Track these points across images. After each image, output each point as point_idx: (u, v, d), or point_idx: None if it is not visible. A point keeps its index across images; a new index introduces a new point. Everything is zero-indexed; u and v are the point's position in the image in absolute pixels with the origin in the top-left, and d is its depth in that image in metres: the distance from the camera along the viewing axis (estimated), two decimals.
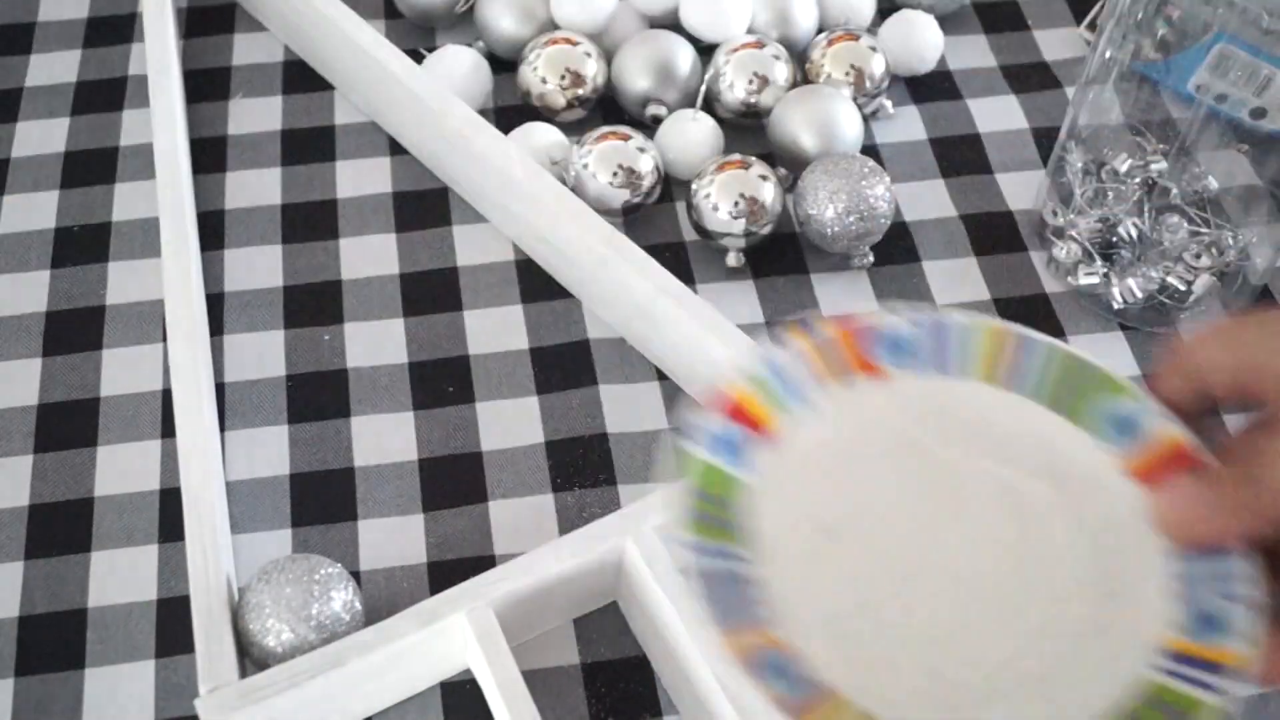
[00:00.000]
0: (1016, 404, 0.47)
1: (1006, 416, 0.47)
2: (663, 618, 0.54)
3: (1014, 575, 0.44)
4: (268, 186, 0.73)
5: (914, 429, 0.46)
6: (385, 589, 0.58)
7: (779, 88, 0.73)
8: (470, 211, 0.71)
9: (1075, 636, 0.42)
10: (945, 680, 0.42)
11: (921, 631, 0.43)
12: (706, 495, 0.44)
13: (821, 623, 0.42)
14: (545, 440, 0.63)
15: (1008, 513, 0.45)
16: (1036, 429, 0.46)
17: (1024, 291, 0.68)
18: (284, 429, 0.63)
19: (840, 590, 0.43)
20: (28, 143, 0.74)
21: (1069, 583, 0.43)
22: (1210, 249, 0.66)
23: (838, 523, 0.45)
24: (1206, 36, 0.65)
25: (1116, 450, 0.45)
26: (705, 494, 0.44)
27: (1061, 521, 0.44)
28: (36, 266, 0.69)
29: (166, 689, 0.55)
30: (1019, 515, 0.45)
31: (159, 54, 0.73)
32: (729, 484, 0.44)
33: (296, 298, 0.68)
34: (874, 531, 0.45)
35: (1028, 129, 0.75)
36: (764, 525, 0.44)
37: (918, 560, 0.44)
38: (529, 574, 0.54)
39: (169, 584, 0.58)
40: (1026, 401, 0.47)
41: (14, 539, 0.59)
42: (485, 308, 0.67)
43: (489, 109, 0.76)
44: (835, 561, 0.44)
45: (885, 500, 0.45)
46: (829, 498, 0.45)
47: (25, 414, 0.63)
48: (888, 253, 0.69)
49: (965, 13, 0.81)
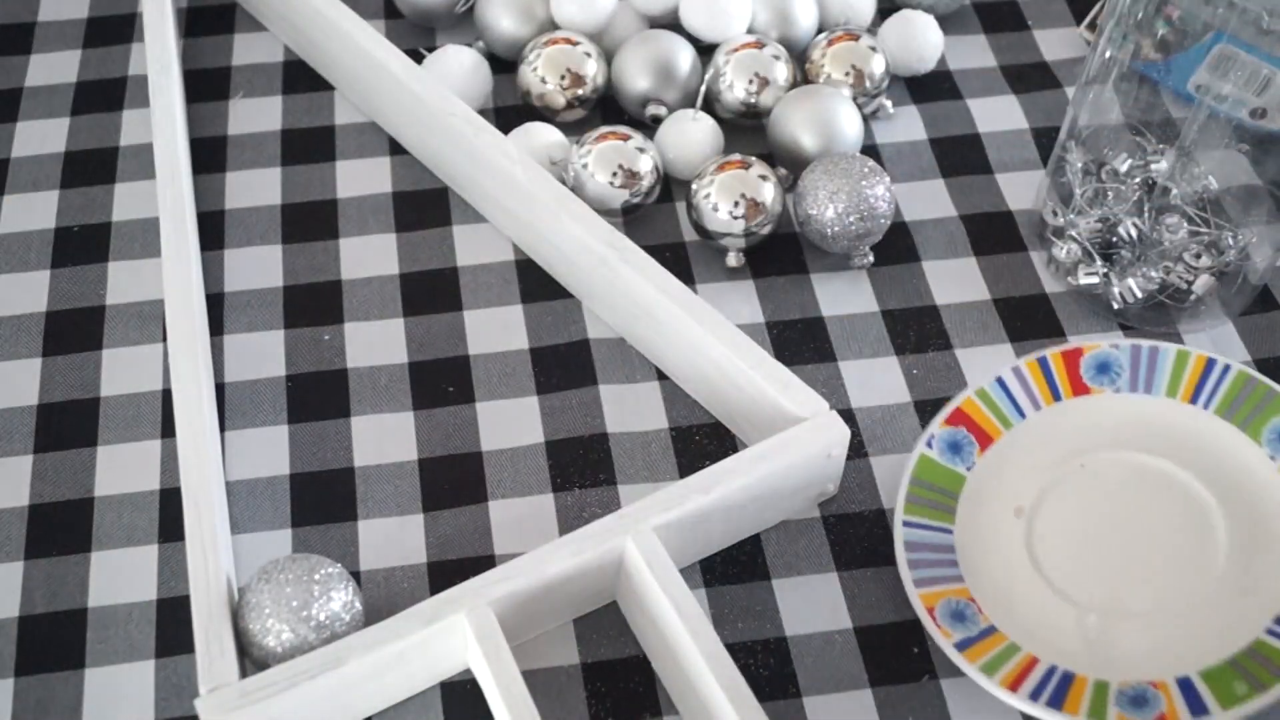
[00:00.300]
0: (1201, 416, 0.59)
1: (1189, 426, 0.59)
2: (663, 618, 0.54)
3: (1175, 557, 0.56)
4: (268, 186, 0.73)
5: (1106, 437, 0.60)
6: (385, 589, 0.58)
7: (779, 88, 0.73)
8: (470, 211, 0.71)
9: (1216, 598, 0.55)
10: (1100, 639, 0.54)
11: (1078, 589, 0.56)
12: (928, 484, 0.58)
13: (1000, 582, 0.56)
14: (545, 440, 0.63)
15: (1179, 505, 0.57)
16: (1215, 438, 0.59)
17: (1024, 291, 0.68)
18: (284, 429, 0.63)
19: (1020, 558, 0.57)
20: (28, 143, 0.74)
21: (1222, 564, 0.55)
22: (1210, 249, 0.66)
23: (1029, 507, 0.58)
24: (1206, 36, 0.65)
25: (1277, 455, 0.58)
26: (927, 483, 0.58)
27: (1224, 518, 0.57)
28: (36, 266, 0.69)
29: (166, 689, 0.55)
30: (1188, 509, 0.57)
31: (159, 54, 0.73)
32: (948, 475, 0.59)
33: (296, 298, 0.68)
34: (1057, 514, 0.58)
35: (1028, 129, 0.75)
36: (969, 507, 0.58)
37: (1092, 538, 0.57)
38: (529, 574, 0.54)
39: (169, 584, 0.58)
40: (1209, 415, 0.59)
41: (14, 539, 0.59)
42: (485, 308, 0.67)
43: (489, 109, 0.76)
44: (1020, 536, 0.58)
45: (1071, 488, 0.59)
46: (1025, 488, 0.59)
47: (25, 414, 0.63)
48: (888, 253, 0.69)
49: (965, 13, 0.81)
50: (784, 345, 0.66)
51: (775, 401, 0.59)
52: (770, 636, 0.57)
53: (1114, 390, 0.61)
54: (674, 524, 0.56)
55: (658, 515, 0.55)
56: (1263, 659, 0.52)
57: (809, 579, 0.59)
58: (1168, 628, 0.55)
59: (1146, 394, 0.60)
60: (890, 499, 0.61)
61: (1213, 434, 0.59)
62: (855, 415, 0.64)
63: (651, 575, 0.54)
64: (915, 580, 0.56)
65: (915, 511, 0.58)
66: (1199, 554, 0.56)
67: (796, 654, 0.56)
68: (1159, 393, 0.60)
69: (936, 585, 0.56)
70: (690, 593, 0.54)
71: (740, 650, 0.56)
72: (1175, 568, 0.56)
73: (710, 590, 0.58)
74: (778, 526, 0.60)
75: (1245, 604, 0.54)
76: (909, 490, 0.58)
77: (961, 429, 0.60)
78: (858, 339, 0.66)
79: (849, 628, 0.57)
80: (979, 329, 0.67)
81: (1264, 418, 0.58)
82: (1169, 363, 0.60)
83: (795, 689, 0.55)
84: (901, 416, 0.64)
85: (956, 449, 0.60)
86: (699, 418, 0.64)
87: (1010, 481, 0.59)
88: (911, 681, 0.56)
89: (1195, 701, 0.51)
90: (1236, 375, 0.59)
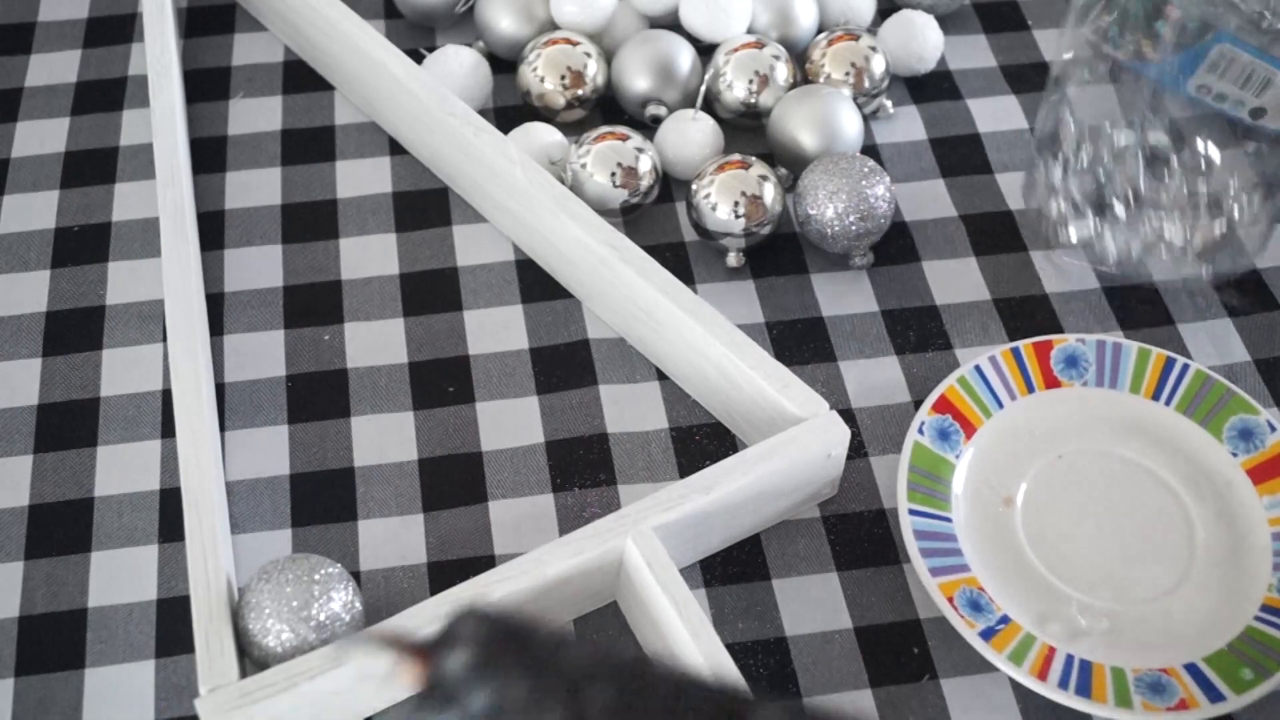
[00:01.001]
0: (1166, 413, 0.62)
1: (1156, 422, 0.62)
2: (663, 618, 0.54)
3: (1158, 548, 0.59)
4: (268, 186, 0.73)
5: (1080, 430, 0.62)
6: (385, 589, 0.58)
7: (779, 88, 0.73)
8: (470, 211, 0.71)
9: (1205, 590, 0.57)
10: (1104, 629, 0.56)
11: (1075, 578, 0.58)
12: (924, 472, 0.59)
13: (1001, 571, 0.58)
14: (545, 440, 0.63)
15: (1155, 498, 0.60)
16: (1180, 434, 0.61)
17: (1024, 291, 0.68)
18: (284, 429, 0.63)
19: (1018, 547, 0.59)
20: (28, 143, 0.74)
21: (1200, 555, 0.58)
22: (1210, 206, 0.65)
23: (1016, 497, 0.60)
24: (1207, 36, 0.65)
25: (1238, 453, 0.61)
26: (923, 470, 0.59)
27: (1197, 510, 0.60)
28: (36, 266, 0.69)
29: (166, 689, 0.55)
30: (1164, 502, 0.60)
31: (159, 54, 0.73)
32: (940, 463, 0.60)
33: (296, 298, 0.68)
34: (1043, 502, 0.60)
35: (1028, 129, 0.75)
36: (961, 496, 0.60)
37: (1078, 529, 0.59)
38: (529, 574, 0.54)
39: (169, 584, 0.58)
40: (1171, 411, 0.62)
41: (14, 539, 0.59)
42: (485, 308, 0.67)
43: (489, 109, 0.76)
44: (1012, 526, 0.59)
45: (1055, 480, 0.61)
46: (1009, 478, 0.61)
47: (25, 414, 0.63)
48: (888, 253, 0.69)
49: (965, 13, 0.81)
50: (784, 345, 0.66)
51: (775, 401, 0.59)
52: (770, 636, 0.57)
53: (1082, 384, 0.63)
54: (674, 524, 0.56)
55: (658, 515, 0.55)
56: (1260, 645, 0.55)
57: (809, 579, 0.59)
58: (1164, 617, 0.57)
59: (1113, 389, 0.63)
60: (890, 499, 0.61)
61: (1178, 430, 0.62)
62: (855, 415, 0.64)
63: (651, 575, 0.54)
64: (930, 570, 0.56)
65: (918, 500, 0.58)
66: (1178, 546, 0.59)
67: (796, 654, 0.56)
68: (1124, 388, 0.63)
69: (949, 575, 0.56)
70: (690, 593, 0.54)
71: (740, 650, 0.56)
72: (1159, 558, 0.58)
73: (710, 590, 0.58)
74: (778, 526, 0.60)
75: (1229, 592, 0.57)
76: (909, 479, 0.59)
77: (948, 417, 0.61)
78: (858, 339, 0.66)
79: (849, 628, 0.57)
80: (979, 329, 0.67)
81: (1223, 416, 0.61)
82: (1131, 360, 0.63)
83: (795, 689, 0.55)
84: (901, 416, 0.64)
85: (945, 436, 0.61)
86: (699, 418, 0.64)
87: (995, 471, 0.61)
88: (911, 681, 0.56)
89: (1209, 688, 0.53)
90: (1194, 374, 0.62)
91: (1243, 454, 0.60)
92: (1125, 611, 0.57)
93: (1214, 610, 0.57)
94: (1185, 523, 0.60)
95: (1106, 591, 0.57)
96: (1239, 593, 0.57)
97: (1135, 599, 0.57)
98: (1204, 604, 0.57)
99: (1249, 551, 0.58)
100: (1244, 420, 0.61)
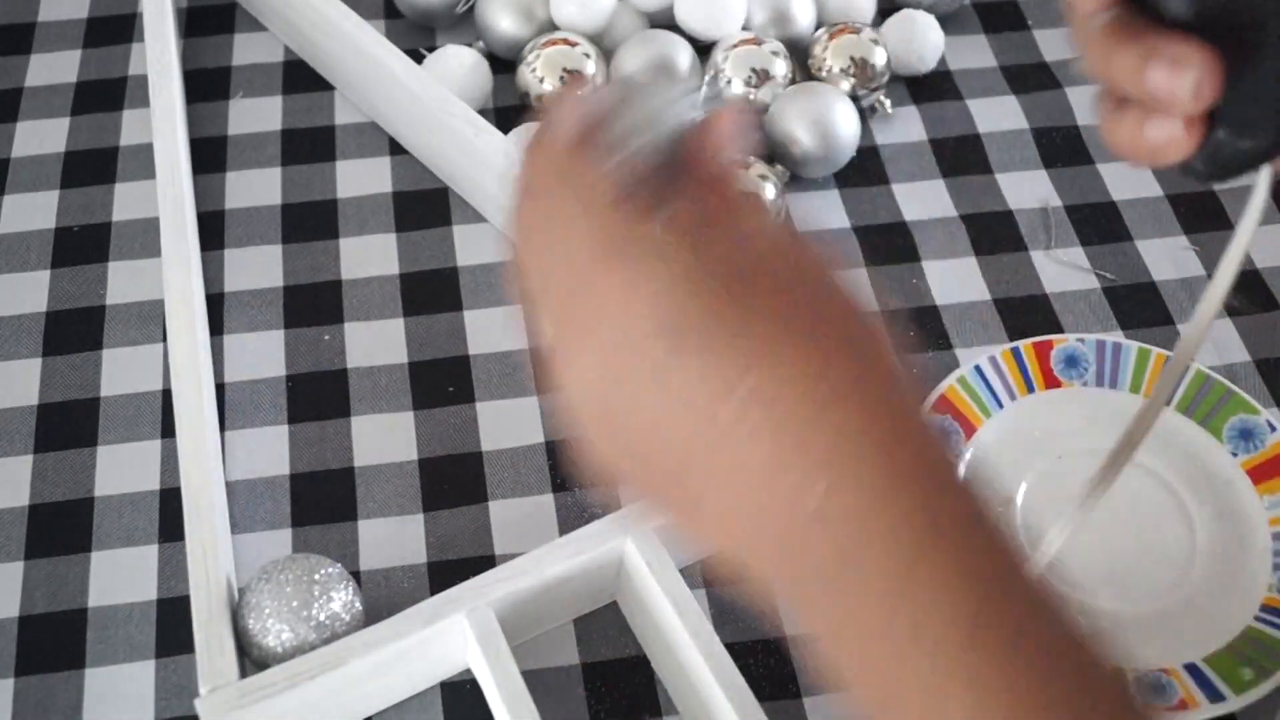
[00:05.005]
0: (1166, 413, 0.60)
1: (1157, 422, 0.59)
2: (663, 618, 0.54)
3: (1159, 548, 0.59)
4: (268, 186, 0.73)
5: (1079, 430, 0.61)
6: (385, 589, 0.58)
7: (777, 84, 0.73)
8: (470, 211, 0.71)
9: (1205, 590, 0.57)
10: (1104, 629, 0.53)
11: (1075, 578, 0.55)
12: None
13: None
14: (545, 440, 0.63)
15: (1155, 498, 0.60)
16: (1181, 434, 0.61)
17: (1024, 291, 0.68)
18: (284, 429, 0.63)
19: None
20: (28, 143, 0.74)
21: (1202, 554, 0.59)
22: None
23: (1016, 495, 0.60)
24: None
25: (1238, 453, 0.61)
26: None
27: (1198, 510, 0.60)
28: (36, 266, 0.69)
29: (166, 689, 0.55)
30: (1164, 502, 0.60)
31: (159, 54, 0.73)
32: None
33: (296, 298, 0.68)
34: (1042, 501, 0.60)
35: (1028, 129, 0.75)
36: None
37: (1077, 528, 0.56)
38: (529, 574, 0.54)
39: (169, 584, 0.58)
40: (1172, 411, 0.61)
41: (14, 539, 0.59)
42: (485, 308, 0.67)
43: (489, 109, 0.76)
44: (1012, 523, 0.59)
45: (1055, 480, 0.60)
46: (1008, 479, 0.61)
47: (25, 414, 0.63)
48: (888, 253, 0.69)
49: (965, 13, 0.81)
50: None
51: None
52: (770, 636, 0.57)
53: (1082, 384, 0.63)
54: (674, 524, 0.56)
55: (658, 515, 0.55)
56: (1260, 645, 0.55)
57: None
58: (1164, 618, 0.57)
59: (1113, 389, 0.63)
60: None
61: (1178, 430, 0.62)
62: None
63: (651, 575, 0.54)
64: None
65: None
66: (1178, 546, 0.59)
67: (796, 654, 0.56)
68: (1124, 388, 0.63)
69: None
70: (690, 593, 0.54)
71: (740, 650, 0.56)
72: (1159, 558, 0.59)
73: (710, 590, 0.58)
74: None
75: (1229, 591, 0.58)
76: None
77: (947, 417, 0.61)
78: None
79: None
80: (979, 329, 0.67)
81: (1223, 416, 0.62)
82: (1131, 360, 0.63)
83: (795, 689, 0.55)
84: None
85: (945, 436, 0.61)
86: None
87: (995, 472, 0.61)
88: None
89: (1209, 688, 0.54)
90: (1195, 375, 0.62)
91: (1243, 454, 0.61)
92: (1125, 611, 0.57)
93: (1214, 610, 0.57)
94: (1185, 523, 0.60)
95: (1106, 591, 0.58)
96: (1239, 593, 0.57)
97: (1135, 599, 0.57)
98: (1204, 604, 0.57)
99: (1249, 551, 0.58)
100: (1244, 420, 0.61)
